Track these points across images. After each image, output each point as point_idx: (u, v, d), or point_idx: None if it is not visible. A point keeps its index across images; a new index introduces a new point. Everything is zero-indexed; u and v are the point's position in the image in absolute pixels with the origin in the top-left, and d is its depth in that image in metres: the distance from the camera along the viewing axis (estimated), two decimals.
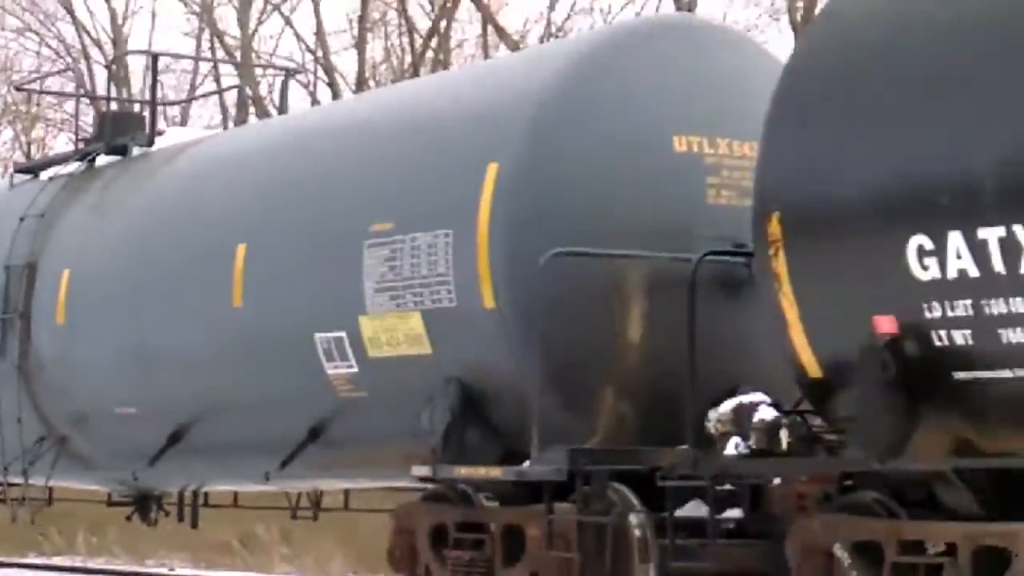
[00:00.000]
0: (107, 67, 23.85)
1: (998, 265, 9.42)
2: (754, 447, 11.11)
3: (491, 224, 12.49)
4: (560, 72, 12.84)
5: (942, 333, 9.86)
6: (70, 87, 37.50)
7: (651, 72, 12.86)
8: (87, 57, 37.83)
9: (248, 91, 32.96)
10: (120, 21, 37.41)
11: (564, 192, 12.44)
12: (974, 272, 9.59)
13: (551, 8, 32.82)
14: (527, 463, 12.29)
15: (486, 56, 32.17)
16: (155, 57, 19.06)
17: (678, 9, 28.99)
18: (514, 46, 30.90)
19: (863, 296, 10.23)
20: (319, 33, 34.07)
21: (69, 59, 38.46)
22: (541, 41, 32.60)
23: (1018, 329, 9.47)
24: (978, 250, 9.51)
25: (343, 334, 13.76)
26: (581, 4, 33.50)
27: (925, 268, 9.82)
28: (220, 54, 35.90)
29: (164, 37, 48.96)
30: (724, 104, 12.40)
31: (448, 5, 32.99)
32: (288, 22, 35.38)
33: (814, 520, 10.94)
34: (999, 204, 9.39)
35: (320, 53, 34.24)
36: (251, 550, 25.00)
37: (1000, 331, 9.56)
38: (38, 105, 37.79)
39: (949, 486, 10.24)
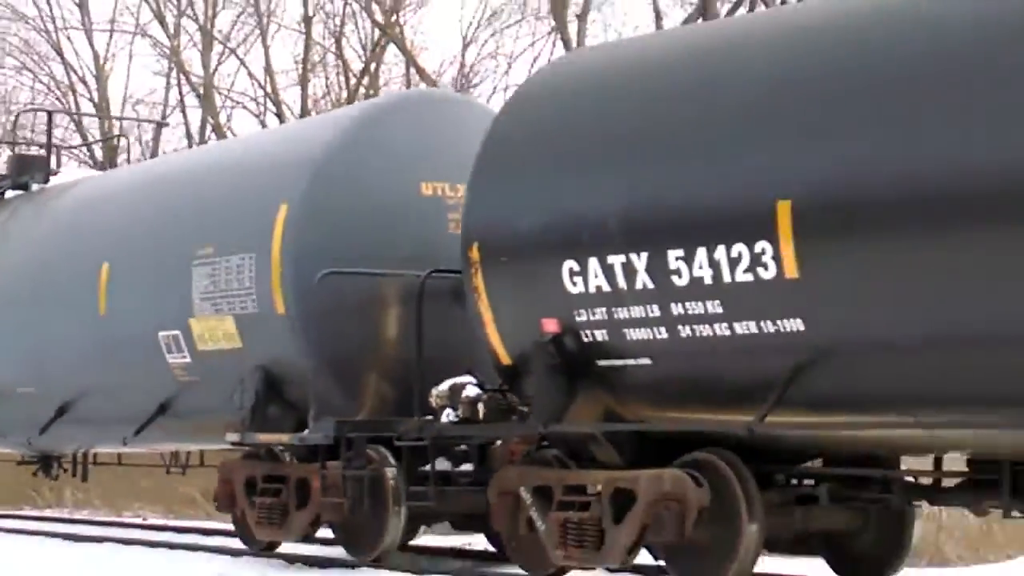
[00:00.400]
0: (15, 117, 23.99)
1: (621, 283, 10.37)
2: (460, 416, 11.85)
3: (282, 250, 13.11)
4: (336, 135, 13.45)
5: (588, 332, 10.75)
6: (58, 116, 37.21)
7: (406, 134, 13.42)
8: (74, 92, 37.43)
9: (125, 138, 32.94)
10: (102, 61, 36.85)
11: (337, 226, 13.04)
12: (606, 287, 10.51)
13: (463, 54, 32.57)
14: (307, 431, 13.07)
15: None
16: (50, 114, 19.86)
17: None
18: (432, 83, 30.40)
19: (535, 304, 11.04)
20: (268, 71, 33.53)
21: (59, 93, 38.20)
22: (455, 80, 32.11)
23: (636, 329, 10.41)
24: (608, 271, 10.45)
25: (179, 332, 14.35)
26: (487, 49, 33.38)
27: (575, 284, 10.69)
28: (186, 89, 35.40)
29: (139, 75, 48.35)
30: (462, 158, 12.52)
31: (377, 49, 32.40)
32: (242, 62, 34.75)
33: (508, 471, 11.72)
34: (620, 239, 10.35)
35: (269, 88, 33.72)
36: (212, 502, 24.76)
37: (625, 331, 10.50)
38: (32, 132, 37.82)
39: (599, 444, 11.05)
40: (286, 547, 14.41)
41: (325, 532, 14.20)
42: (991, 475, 9.91)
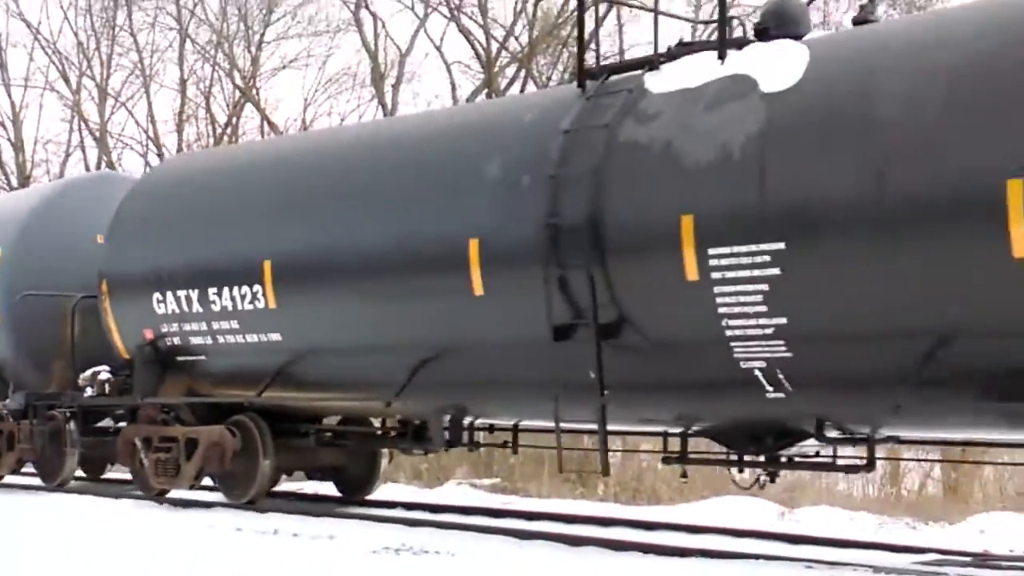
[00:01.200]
0: None
1: (185, 308, 12.79)
2: (96, 392, 14.21)
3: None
4: (38, 201, 15.60)
5: (170, 339, 13.11)
6: None
7: (87, 201, 15.36)
8: None
9: None
10: (18, 109, 36.10)
11: (36, 263, 15.01)
12: (178, 310, 12.88)
13: (304, 112, 32.66)
14: (8, 400, 15.17)
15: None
16: None
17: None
18: (279, 135, 29.34)
19: (139, 321, 13.32)
20: (151, 121, 33.58)
21: None
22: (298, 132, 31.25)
23: (195, 337, 12.83)
24: (178, 300, 12.84)
25: None
26: (324, 109, 33.96)
27: (160, 308, 13.04)
28: (85, 133, 35.00)
29: (48, 121, 48.09)
30: None
31: (237, 107, 32.14)
32: (131, 113, 34.69)
33: (129, 428, 13.87)
34: (184, 280, 12.72)
35: (152, 134, 33.56)
36: None
37: (190, 338, 12.91)
38: None
39: (183, 410, 13.40)
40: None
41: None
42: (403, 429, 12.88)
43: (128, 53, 34.18)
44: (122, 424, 14.86)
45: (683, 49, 10.23)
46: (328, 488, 14.85)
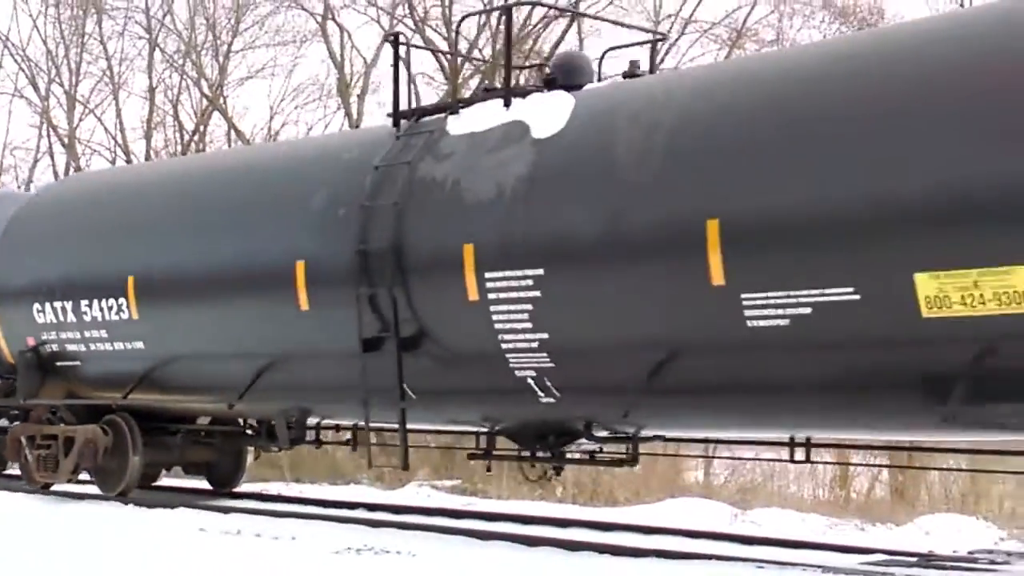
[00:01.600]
0: None
1: (62, 318, 13.81)
2: None
3: None
4: None
5: (50, 346, 14.12)
6: None
7: None
8: None
9: None
10: None
11: None
12: (55, 320, 13.89)
13: (270, 120, 33.03)
14: None
15: (230, 146, 31.26)
16: None
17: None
18: (246, 142, 30.30)
19: (23, 329, 14.28)
20: (120, 127, 33.62)
21: None
22: (265, 139, 31.85)
23: (71, 344, 13.78)
24: (55, 311, 13.83)
25: None
26: (291, 118, 34.74)
27: (40, 317, 14.03)
28: (54, 139, 34.93)
29: (17, 127, 48.54)
30: None
31: (205, 115, 32.24)
32: (99, 120, 34.64)
33: (17, 427, 14.84)
34: (60, 293, 13.75)
35: (121, 141, 33.48)
36: None
37: (66, 345, 13.94)
38: None
39: (64, 411, 14.35)
40: None
41: None
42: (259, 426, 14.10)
43: (97, 61, 34.59)
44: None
45: (483, 95, 11.50)
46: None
